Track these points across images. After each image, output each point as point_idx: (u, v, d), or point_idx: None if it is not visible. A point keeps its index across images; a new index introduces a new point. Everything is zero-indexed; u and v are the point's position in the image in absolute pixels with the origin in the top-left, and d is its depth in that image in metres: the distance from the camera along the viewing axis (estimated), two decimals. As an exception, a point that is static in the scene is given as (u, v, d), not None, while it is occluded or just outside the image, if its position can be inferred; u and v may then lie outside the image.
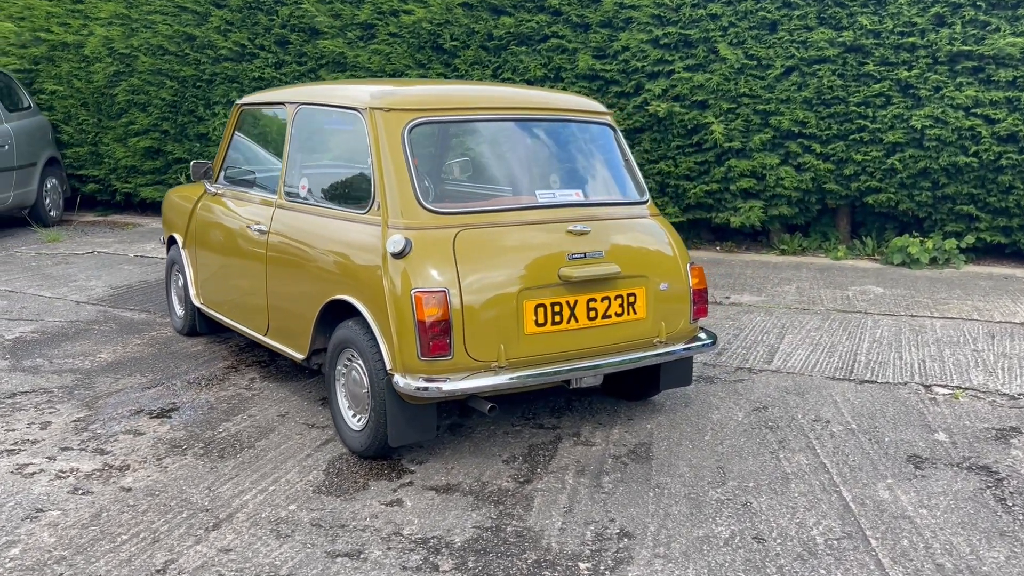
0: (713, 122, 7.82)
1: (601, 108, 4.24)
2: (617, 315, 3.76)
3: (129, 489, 3.43)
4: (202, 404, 4.36)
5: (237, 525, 3.15)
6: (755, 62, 7.70)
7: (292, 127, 4.31)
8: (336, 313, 3.83)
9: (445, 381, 3.40)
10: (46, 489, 3.42)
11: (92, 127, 9.81)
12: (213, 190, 5.01)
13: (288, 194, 4.27)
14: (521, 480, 3.54)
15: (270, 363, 5.00)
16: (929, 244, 7.63)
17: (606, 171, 4.15)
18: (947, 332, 5.63)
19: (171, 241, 5.58)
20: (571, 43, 8.03)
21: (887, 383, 4.72)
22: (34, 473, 3.57)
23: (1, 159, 8.79)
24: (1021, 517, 3.26)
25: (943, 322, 5.87)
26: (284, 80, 8.82)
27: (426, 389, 3.37)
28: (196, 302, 5.20)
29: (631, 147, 8.10)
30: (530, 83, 8.12)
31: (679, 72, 7.82)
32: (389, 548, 3.01)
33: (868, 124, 7.54)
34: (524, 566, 2.91)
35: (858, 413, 4.29)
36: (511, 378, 3.48)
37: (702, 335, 4.14)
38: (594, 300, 3.68)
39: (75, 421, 4.12)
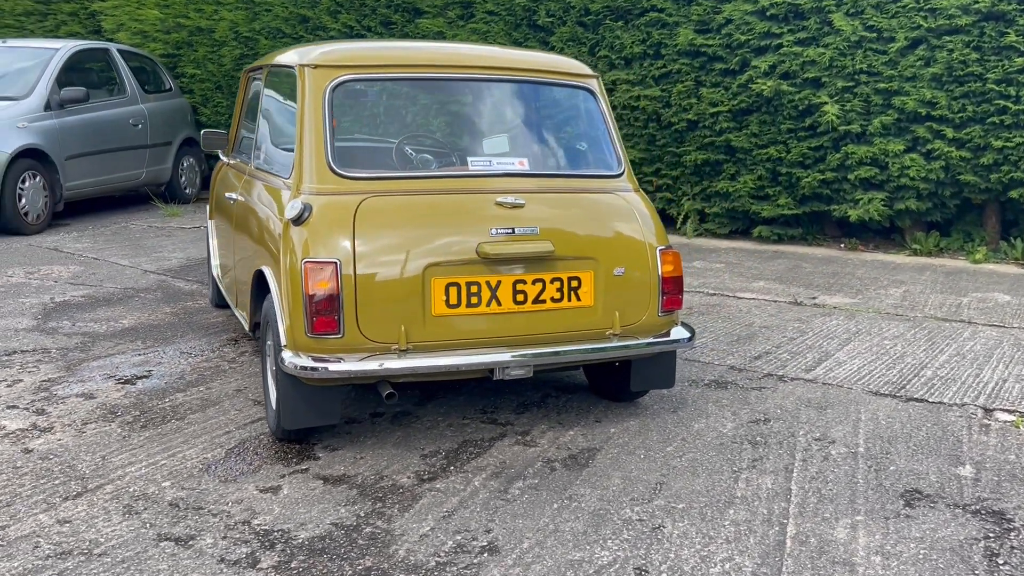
0: (827, 102, 6.98)
1: (581, 70, 3.75)
2: (555, 300, 3.30)
3: (30, 451, 3.36)
4: (173, 373, 4.28)
5: (97, 497, 3.00)
6: (875, 34, 6.79)
7: (264, 92, 4.15)
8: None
9: (337, 362, 3.09)
10: (-44, 444, 3.43)
11: (226, 109, 10.21)
12: (225, 160, 4.95)
13: (256, 161, 4.11)
14: (424, 478, 3.18)
15: (271, 338, 4.87)
16: (1089, 248, 6.47)
17: (573, 139, 3.68)
18: (1058, 349, 4.67)
19: (211, 213, 5.60)
20: (671, 16, 7.43)
21: (939, 403, 3.94)
22: (-38, 428, 3.59)
23: (134, 137, 9.30)
24: (1004, 580, 2.55)
25: (1061, 337, 4.89)
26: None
27: (312, 369, 3.08)
28: (214, 273, 5.17)
29: (737, 129, 7.40)
30: (627, 61, 7.60)
31: (788, 47, 7.04)
32: (224, 538, 2.75)
33: (1010, 105, 6.46)
34: (351, 572, 2.56)
35: (877, 435, 3.59)
36: (411, 363, 3.12)
37: (680, 330, 3.59)
38: (523, 282, 3.24)
39: (44, 381, 4.15)
